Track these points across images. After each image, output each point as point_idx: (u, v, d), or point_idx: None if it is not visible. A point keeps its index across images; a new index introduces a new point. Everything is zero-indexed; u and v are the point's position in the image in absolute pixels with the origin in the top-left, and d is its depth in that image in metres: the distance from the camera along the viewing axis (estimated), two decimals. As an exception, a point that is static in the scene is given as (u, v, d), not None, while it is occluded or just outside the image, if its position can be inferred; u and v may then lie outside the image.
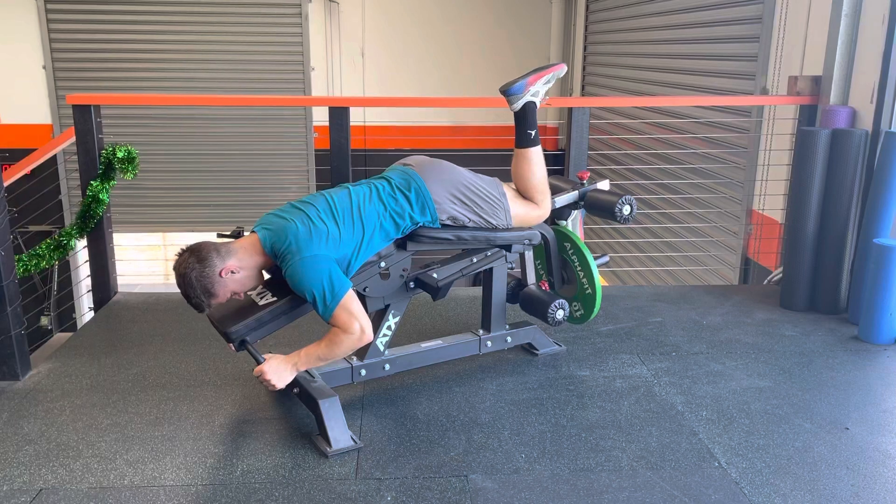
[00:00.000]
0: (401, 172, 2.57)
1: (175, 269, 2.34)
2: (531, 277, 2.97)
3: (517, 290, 2.92)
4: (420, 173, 2.54)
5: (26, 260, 3.43)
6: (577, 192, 2.95)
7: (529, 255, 2.95)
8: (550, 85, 2.70)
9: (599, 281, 2.86)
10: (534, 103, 2.66)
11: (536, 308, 2.84)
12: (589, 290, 2.88)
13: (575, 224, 3.03)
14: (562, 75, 2.75)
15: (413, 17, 7.92)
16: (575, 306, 2.97)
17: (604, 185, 3.02)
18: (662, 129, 5.69)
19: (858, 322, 3.29)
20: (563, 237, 2.94)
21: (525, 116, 2.66)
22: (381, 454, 2.30)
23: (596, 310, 2.91)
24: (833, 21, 3.55)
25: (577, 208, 3.01)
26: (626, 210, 2.85)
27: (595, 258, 2.89)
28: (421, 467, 2.23)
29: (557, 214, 2.97)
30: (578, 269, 2.90)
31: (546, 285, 2.96)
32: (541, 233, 2.81)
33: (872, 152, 3.40)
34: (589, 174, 3.00)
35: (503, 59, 7.88)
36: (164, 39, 7.57)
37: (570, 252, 2.92)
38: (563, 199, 2.94)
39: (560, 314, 2.77)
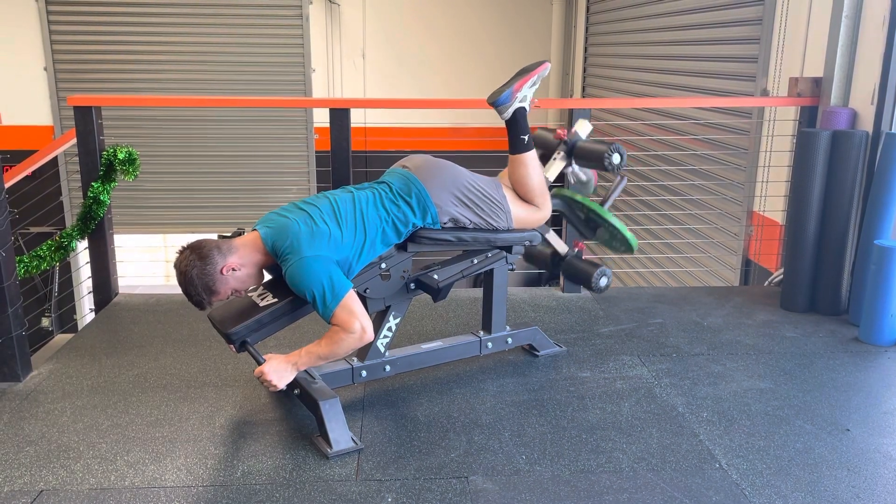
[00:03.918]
0: (400, 177, 2.56)
1: (176, 266, 2.34)
2: (563, 247, 2.97)
3: (558, 262, 2.91)
4: (419, 176, 2.53)
5: (27, 261, 3.43)
6: (563, 152, 2.90)
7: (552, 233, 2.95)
8: (537, 86, 2.68)
9: (621, 224, 2.83)
10: (523, 109, 2.64)
11: (580, 278, 2.88)
12: (618, 235, 2.87)
13: (576, 175, 2.94)
14: (546, 74, 2.72)
15: (414, 19, 7.92)
16: (616, 245, 2.95)
17: (583, 128, 2.94)
18: (663, 130, 5.70)
19: (859, 323, 3.29)
20: (568, 200, 2.92)
21: (517, 123, 2.64)
22: (381, 455, 2.30)
23: (633, 240, 2.86)
24: (833, 22, 3.55)
25: (568, 166, 2.94)
26: (616, 159, 2.75)
27: (602, 203, 2.87)
28: (421, 468, 2.23)
29: (558, 180, 2.94)
30: (594, 216, 2.87)
31: (581, 245, 2.95)
32: (541, 235, 2.81)
33: (873, 154, 3.40)
34: (566, 130, 2.93)
35: (504, 61, 7.88)
36: (164, 41, 7.57)
37: (581, 210, 2.91)
38: (555, 170, 2.89)
39: (604, 281, 2.83)
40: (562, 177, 2.95)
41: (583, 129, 2.95)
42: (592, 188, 2.99)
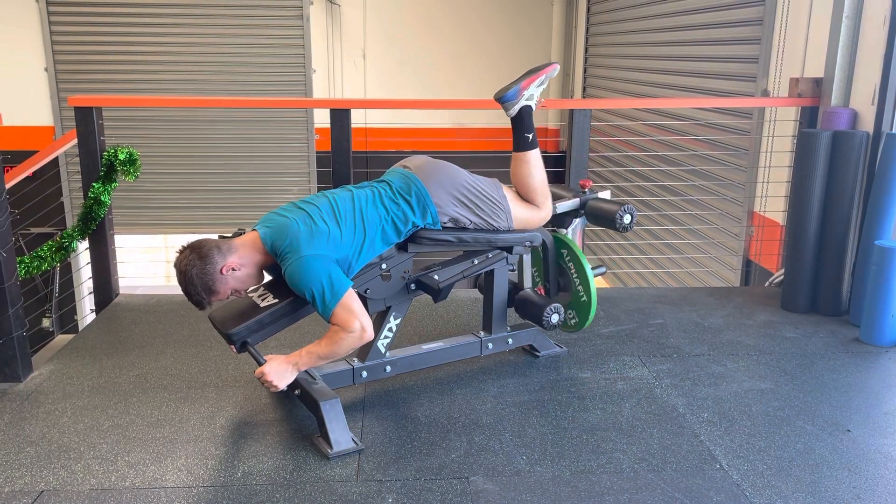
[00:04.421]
0: (401, 176, 2.57)
1: (176, 265, 2.34)
2: (527, 282, 2.97)
3: (513, 294, 2.92)
4: (420, 176, 2.53)
5: (28, 262, 3.44)
6: (577, 199, 2.95)
7: (527, 259, 2.96)
8: (545, 86, 2.69)
9: (595, 290, 2.86)
10: (529, 107, 2.66)
11: (531, 311, 2.83)
12: (584, 299, 2.88)
13: (574, 233, 3.02)
14: (554, 75, 2.75)
15: (414, 19, 7.93)
16: (570, 314, 2.96)
17: (605, 194, 3.02)
18: (664, 130, 5.70)
19: (860, 324, 3.29)
20: (561, 244, 2.93)
21: (522, 121, 2.65)
22: (382, 456, 2.30)
23: (590, 318, 2.90)
24: (834, 23, 3.55)
25: (577, 216, 3.01)
26: (627, 219, 2.83)
27: (592, 268, 2.89)
28: (422, 469, 2.23)
29: (558, 223, 2.96)
30: (575, 276, 2.90)
31: (542, 290, 2.96)
32: (541, 237, 2.81)
33: (874, 154, 3.40)
34: (591, 183, 3.00)
35: (504, 61, 7.89)
36: (165, 41, 7.58)
37: (567, 259, 2.92)
38: (565, 206, 2.93)
39: (555, 318, 2.76)
40: (561, 222, 2.97)
41: (605, 194, 3.02)
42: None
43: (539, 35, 8.13)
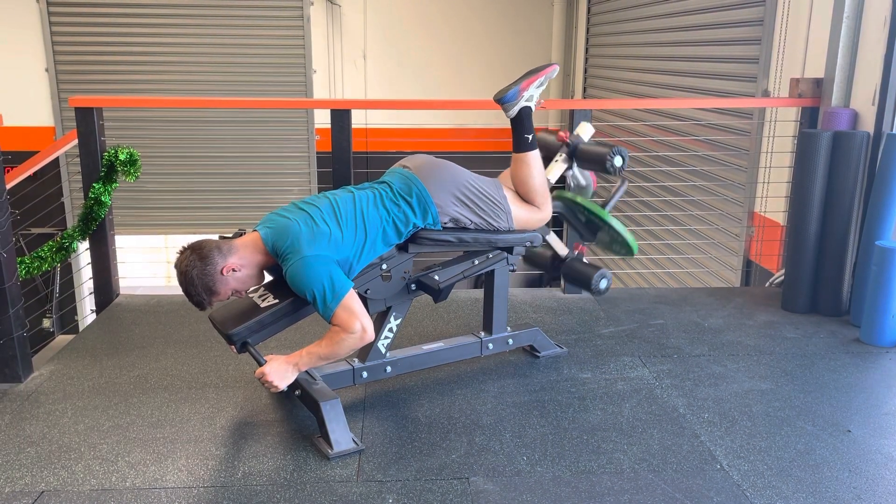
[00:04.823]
0: (401, 177, 2.56)
1: (176, 266, 2.34)
2: (563, 250, 2.97)
3: (558, 265, 2.91)
4: (420, 177, 2.53)
5: (28, 262, 3.44)
6: (564, 155, 2.90)
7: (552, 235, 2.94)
8: (544, 87, 2.69)
9: (620, 226, 2.82)
10: (529, 108, 2.65)
11: (581, 280, 2.87)
12: (619, 238, 2.87)
13: (577, 180, 2.94)
14: (554, 76, 2.73)
15: (414, 20, 7.93)
16: (616, 248, 2.95)
17: (583, 128, 2.95)
18: (664, 131, 5.70)
19: (860, 324, 3.29)
20: (571, 203, 2.91)
21: (521, 122, 2.64)
22: (382, 456, 2.30)
23: (633, 244, 2.86)
24: (834, 23, 3.55)
25: (569, 169, 2.96)
26: (618, 161, 2.77)
27: (605, 204, 2.86)
28: (422, 469, 2.23)
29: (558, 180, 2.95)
30: (599, 221, 2.87)
31: (582, 247, 2.95)
32: (542, 237, 2.81)
33: (874, 154, 3.40)
34: (568, 132, 2.94)
35: (505, 62, 7.89)
36: (166, 42, 7.58)
37: (585, 212, 2.90)
38: (556, 172, 2.90)
39: (604, 283, 2.82)
40: (562, 179, 2.95)
41: (585, 131, 2.95)
42: (591, 192, 2.99)
43: (539, 36, 8.13)
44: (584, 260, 3.00)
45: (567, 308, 3.63)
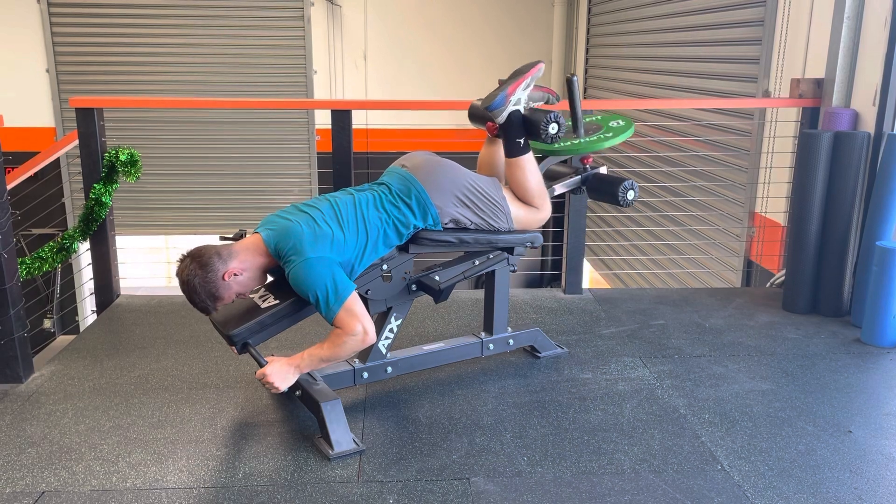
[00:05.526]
0: (399, 177, 2.55)
1: (178, 275, 2.34)
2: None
3: (586, 184, 2.90)
4: (419, 177, 2.52)
5: (29, 263, 3.44)
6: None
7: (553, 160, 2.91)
8: (531, 88, 2.65)
9: (612, 140, 2.81)
10: (518, 111, 2.61)
11: (605, 191, 2.84)
12: (614, 126, 2.88)
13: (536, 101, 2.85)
14: (540, 76, 2.67)
15: (415, 20, 7.93)
16: (609, 133, 2.90)
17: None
18: (665, 131, 5.70)
19: (861, 325, 3.28)
20: (549, 152, 2.87)
21: (511, 126, 2.60)
22: (383, 457, 2.30)
23: (627, 121, 2.87)
24: (835, 24, 3.55)
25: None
26: (630, 195, 2.80)
27: (576, 126, 2.85)
28: (423, 470, 2.23)
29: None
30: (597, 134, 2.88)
31: (587, 160, 2.91)
32: (542, 238, 2.81)
33: (875, 155, 3.40)
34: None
35: (505, 62, 7.87)
36: (166, 43, 7.59)
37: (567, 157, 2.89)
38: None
39: (630, 195, 2.79)
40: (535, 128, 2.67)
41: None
42: (552, 99, 2.81)
43: (540, 36, 8.13)
44: (603, 171, 2.95)
45: (567, 308, 3.63)
